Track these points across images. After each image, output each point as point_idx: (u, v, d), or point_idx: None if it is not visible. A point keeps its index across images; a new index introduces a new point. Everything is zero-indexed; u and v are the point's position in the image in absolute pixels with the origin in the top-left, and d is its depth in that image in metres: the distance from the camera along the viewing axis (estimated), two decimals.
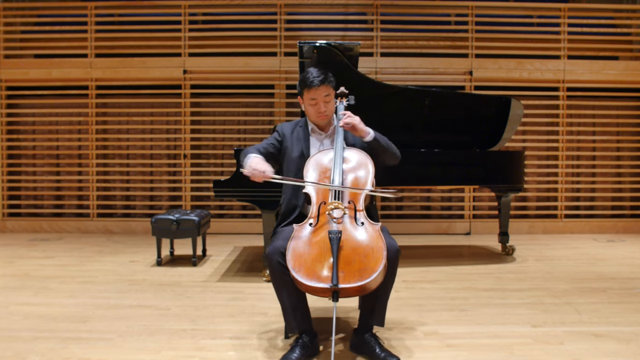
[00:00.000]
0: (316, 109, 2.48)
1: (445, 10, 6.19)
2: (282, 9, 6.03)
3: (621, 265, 4.28)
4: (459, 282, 3.71)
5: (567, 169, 6.18)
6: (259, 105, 6.15)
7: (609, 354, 2.37)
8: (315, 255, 2.11)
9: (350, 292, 2.05)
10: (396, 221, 6.07)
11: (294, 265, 2.10)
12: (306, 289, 2.10)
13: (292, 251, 2.14)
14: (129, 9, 6.20)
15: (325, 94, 2.47)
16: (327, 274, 2.04)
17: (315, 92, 2.45)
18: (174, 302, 3.18)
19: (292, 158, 2.52)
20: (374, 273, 2.04)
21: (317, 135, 2.58)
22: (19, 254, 4.71)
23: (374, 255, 2.09)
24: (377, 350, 2.24)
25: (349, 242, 2.12)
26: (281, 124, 2.64)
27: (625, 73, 6.10)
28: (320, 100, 2.46)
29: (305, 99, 2.50)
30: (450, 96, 4.67)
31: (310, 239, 2.17)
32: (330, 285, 1.99)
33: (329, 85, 2.48)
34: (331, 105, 2.52)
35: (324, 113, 2.49)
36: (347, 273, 2.04)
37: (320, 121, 2.53)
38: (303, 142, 2.55)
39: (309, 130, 2.58)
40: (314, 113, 2.50)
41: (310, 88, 2.45)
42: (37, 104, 6.17)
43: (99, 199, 6.13)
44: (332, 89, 2.51)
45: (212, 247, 4.98)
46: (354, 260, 2.08)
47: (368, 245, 2.13)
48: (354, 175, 2.36)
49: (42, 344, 2.48)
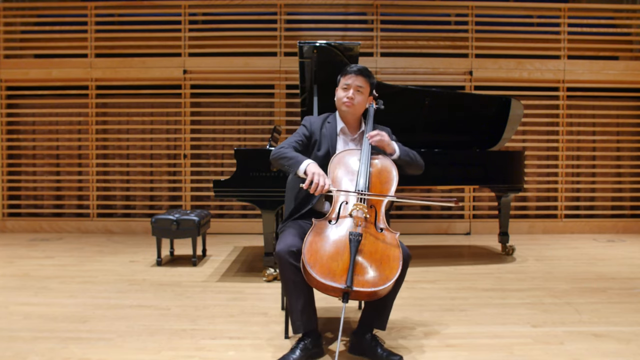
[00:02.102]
0: (345, 93, 2.47)
1: (445, 10, 6.19)
2: (282, 9, 6.03)
3: (621, 265, 4.28)
4: (459, 282, 3.71)
5: (567, 169, 6.18)
6: (259, 105, 6.15)
7: (609, 354, 2.37)
8: (333, 253, 2.10)
9: (361, 295, 2.05)
10: (396, 221, 6.07)
11: (309, 259, 2.08)
12: (317, 285, 2.08)
13: (309, 245, 2.12)
14: (129, 9, 6.20)
15: (359, 84, 2.47)
16: (341, 274, 2.03)
17: (350, 78, 2.47)
18: (174, 302, 3.18)
19: (318, 155, 2.46)
20: (389, 281, 2.04)
21: (345, 137, 2.55)
22: (19, 254, 4.71)
23: (389, 264, 2.09)
24: (379, 351, 2.24)
25: (367, 247, 2.12)
26: (309, 118, 2.58)
27: (625, 73, 6.10)
28: (352, 87, 2.47)
29: (340, 85, 2.52)
30: (450, 96, 4.67)
31: (329, 236, 2.16)
32: (344, 286, 1.99)
33: (366, 79, 2.49)
34: (361, 98, 2.49)
35: (351, 100, 2.47)
36: (362, 277, 2.04)
37: (344, 108, 2.49)
38: (330, 141, 2.51)
39: (338, 130, 2.55)
40: (342, 97, 2.48)
41: (347, 74, 2.49)
42: (37, 104, 6.17)
43: (99, 199, 6.13)
44: (368, 85, 2.51)
45: (212, 247, 4.98)
46: (370, 265, 2.08)
47: (385, 252, 2.12)
48: (377, 180, 2.34)
49: (42, 344, 2.48)
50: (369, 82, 2.51)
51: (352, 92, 2.46)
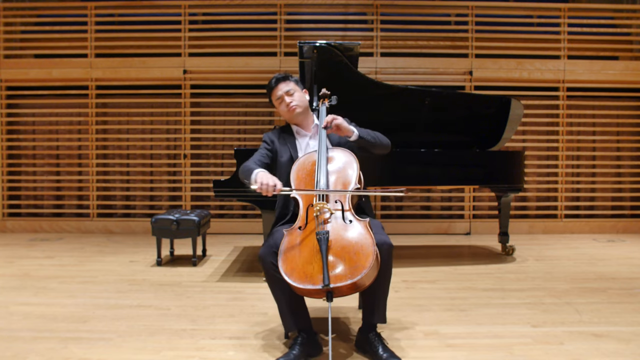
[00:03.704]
0: (284, 104, 2.57)
1: (445, 10, 6.19)
2: (282, 9, 6.03)
3: (621, 265, 4.27)
4: (459, 282, 3.71)
5: (567, 169, 6.18)
6: (259, 105, 6.15)
7: (609, 354, 2.37)
8: (306, 257, 2.11)
9: (343, 290, 2.05)
10: (396, 221, 6.07)
11: (285, 269, 2.10)
12: (301, 292, 2.11)
13: (282, 256, 2.15)
14: (129, 9, 6.20)
15: (285, 89, 2.57)
16: (318, 275, 2.04)
17: (275, 92, 2.59)
18: (174, 302, 3.18)
19: (282, 163, 2.56)
20: (365, 269, 2.04)
21: (302, 138, 2.62)
22: (19, 254, 4.71)
23: (363, 252, 2.09)
24: (379, 351, 2.24)
25: (337, 242, 2.13)
26: (266, 133, 2.68)
27: (625, 73, 6.10)
28: (283, 95, 2.56)
29: (274, 103, 2.62)
30: (450, 96, 4.67)
31: (299, 242, 2.18)
32: (322, 286, 2.00)
33: (286, 81, 2.60)
34: (297, 96, 2.58)
35: (291, 104, 2.56)
36: (338, 272, 2.04)
37: (292, 115, 2.58)
38: (289, 146, 2.59)
39: (294, 132, 2.64)
40: (285, 109, 2.59)
41: (271, 90, 2.61)
42: (37, 104, 6.17)
43: (99, 199, 6.13)
44: (292, 84, 2.61)
45: (212, 247, 4.98)
46: (343, 258, 2.08)
47: (357, 242, 2.13)
48: (339, 175, 2.37)
49: (42, 344, 2.48)
50: (291, 81, 2.61)
51: (287, 98, 2.57)
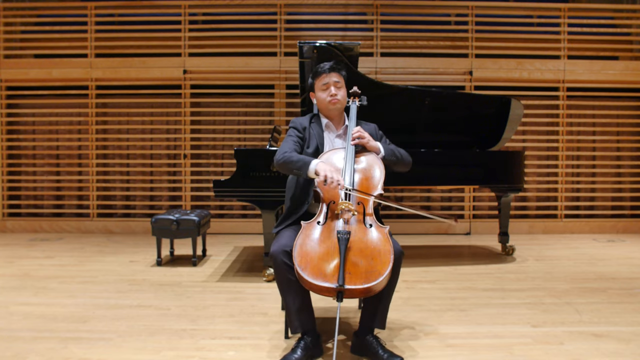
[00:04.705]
0: (328, 92, 2.50)
1: (445, 10, 6.19)
2: (282, 9, 6.03)
3: (621, 265, 4.28)
4: (459, 282, 3.71)
5: (567, 169, 6.18)
6: (259, 105, 6.15)
7: (609, 354, 2.37)
8: (323, 254, 2.10)
9: (355, 293, 2.04)
10: (396, 221, 6.07)
11: (300, 262, 2.09)
12: (311, 287, 2.09)
13: (299, 248, 2.13)
14: (129, 9, 6.20)
15: (335, 80, 2.51)
16: (333, 274, 2.03)
17: (326, 77, 2.51)
18: (174, 302, 3.18)
19: (307, 153, 2.48)
20: (381, 276, 2.04)
21: (331, 133, 2.58)
22: (19, 254, 4.71)
23: (381, 258, 2.09)
24: (380, 352, 2.23)
25: (357, 244, 2.12)
26: (295, 119, 2.60)
27: (625, 73, 6.10)
28: (331, 84, 2.50)
29: (317, 88, 2.54)
30: (450, 96, 4.67)
31: (318, 237, 2.16)
32: (336, 285, 1.99)
33: (339, 73, 2.53)
34: (342, 93, 2.53)
35: (336, 97, 2.50)
36: (354, 274, 2.04)
37: (331, 107, 2.51)
38: (317, 138, 2.53)
39: (323, 126, 2.58)
40: (326, 97, 2.51)
41: (321, 74, 2.52)
42: (37, 104, 6.17)
43: (99, 199, 6.13)
44: (342, 79, 2.54)
45: (212, 247, 4.98)
46: (361, 261, 2.08)
47: (376, 247, 2.12)
48: (364, 177, 2.35)
49: (42, 344, 2.48)
50: (342, 76, 2.55)
51: (333, 89, 2.50)
